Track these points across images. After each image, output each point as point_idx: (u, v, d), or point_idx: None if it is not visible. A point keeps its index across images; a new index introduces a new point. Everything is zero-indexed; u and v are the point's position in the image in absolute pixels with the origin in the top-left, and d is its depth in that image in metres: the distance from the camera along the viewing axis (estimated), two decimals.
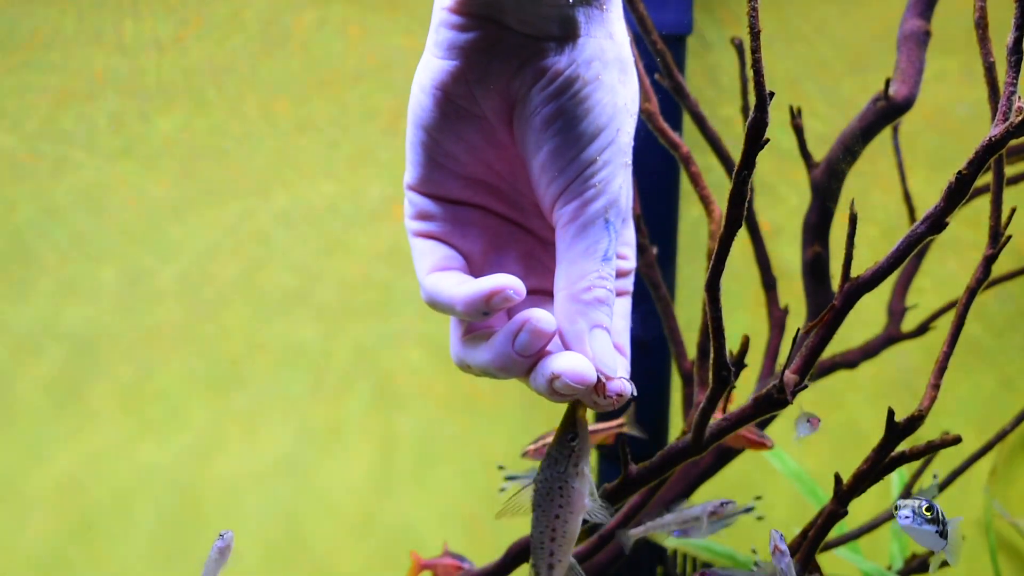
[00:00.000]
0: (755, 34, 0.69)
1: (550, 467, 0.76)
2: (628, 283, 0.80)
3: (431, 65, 0.70)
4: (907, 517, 0.92)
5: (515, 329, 0.67)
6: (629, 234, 0.80)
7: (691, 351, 1.55)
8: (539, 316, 0.67)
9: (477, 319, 0.70)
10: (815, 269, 1.57)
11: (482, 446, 2.34)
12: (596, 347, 0.68)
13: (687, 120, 1.67)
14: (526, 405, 2.34)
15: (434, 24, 0.69)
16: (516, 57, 0.68)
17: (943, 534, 0.95)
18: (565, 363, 0.67)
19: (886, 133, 1.56)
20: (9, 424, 2.23)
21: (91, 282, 2.28)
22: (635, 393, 0.71)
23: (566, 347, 0.69)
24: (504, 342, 0.68)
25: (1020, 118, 0.80)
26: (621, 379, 0.69)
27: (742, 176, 0.73)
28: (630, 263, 0.80)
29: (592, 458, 2.27)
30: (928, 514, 0.92)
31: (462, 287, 0.69)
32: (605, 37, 0.69)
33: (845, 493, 1.09)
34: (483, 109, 0.70)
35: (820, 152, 1.54)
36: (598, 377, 0.68)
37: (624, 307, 0.79)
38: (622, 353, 0.76)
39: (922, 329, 1.78)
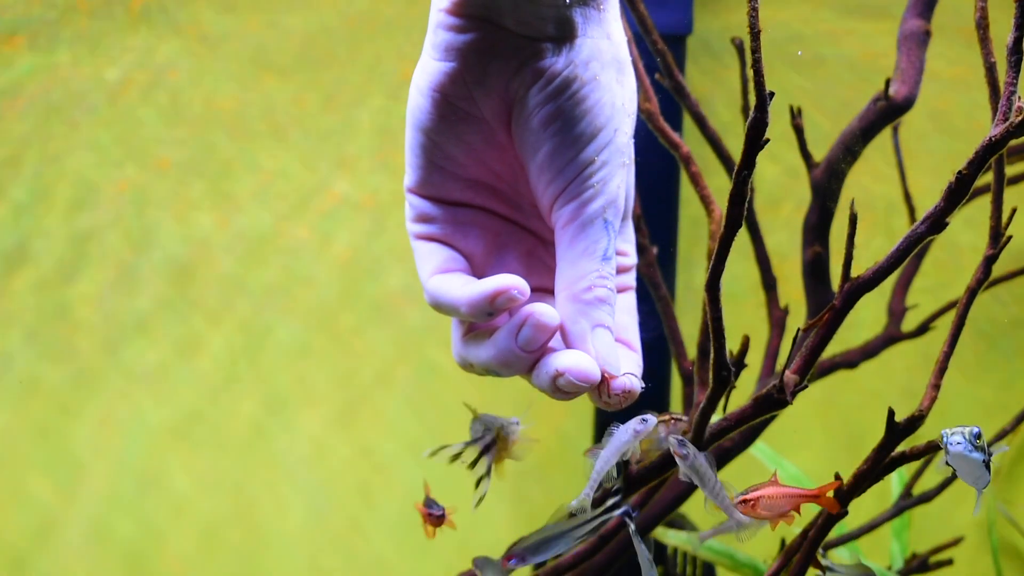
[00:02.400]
0: (755, 34, 0.69)
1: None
2: (630, 278, 0.81)
3: (429, 67, 0.70)
4: (959, 443, 0.89)
5: (518, 324, 0.67)
6: (629, 231, 0.81)
7: (691, 351, 1.55)
8: (542, 310, 0.67)
9: (481, 320, 0.70)
10: (815, 269, 1.57)
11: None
12: (599, 346, 0.69)
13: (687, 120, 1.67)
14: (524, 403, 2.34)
15: (431, 26, 0.69)
16: (514, 58, 0.68)
17: (988, 465, 0.91)
18: (569, 361, 0.67)
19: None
20: None
21: None
22: (643, 387, 0.71)
23: (569, 347, 0.69)
24: (507, 338, 0.68)
25: (1020, 118, 0.80)
26: (627, 375, 0.70)
27: (742, 176, 0.73)
28: (631, 259, 0.81)
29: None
30: (979, 442, 0.89)
31: (465, 288, 0.69)
32: (602, 37, 0.69)
33: (845, 493, 1.09)
34: (481, 111, 0.70)
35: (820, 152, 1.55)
36: (602, 375, 0.68)
37: (629, 302, 0.79)
38: (631, 348, 0.76)
39: (922, 329, 1.78)
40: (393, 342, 2.34)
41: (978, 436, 0.87)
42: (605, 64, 0.69)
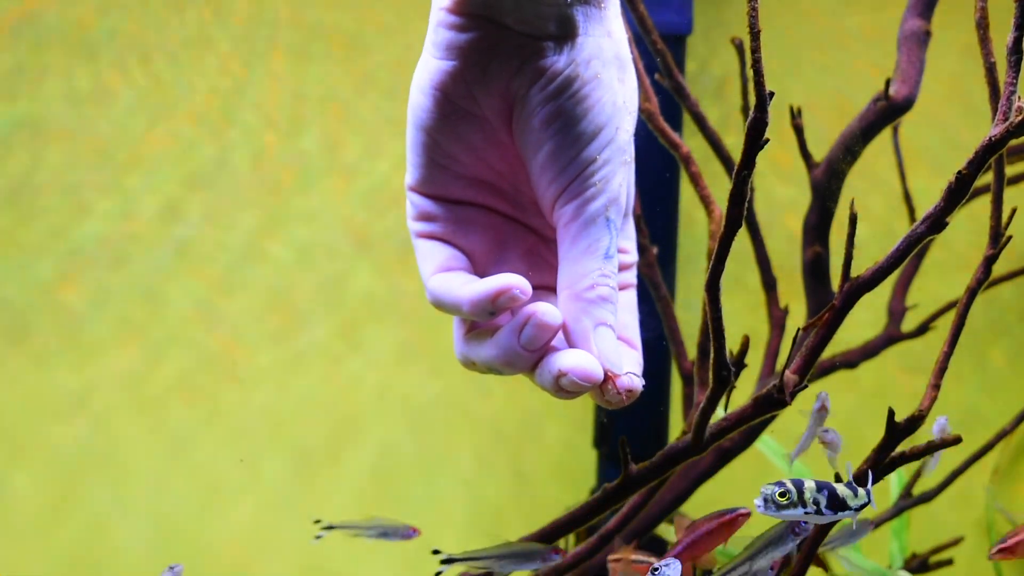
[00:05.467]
0: (755, 34, 0.69)
1: None
2: (631, 276, 0.81)
3: (429, 66, 0.70)
4: (759, 506, 0.87)
5: (521, 323, 0.67)
6: (630, 228, 0.81)
7: (691, 351, 1.55)
8: (544, 309, 0.67)
9: (483, 319, 0.70)
10: (815, 269, 1.57)
11: (487, 444, 2.34)
12: (601, 344, 0.69)
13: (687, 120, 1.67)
14: (527, 407, 2.34)
15: (432, 24, 0.69)
16: (515, 57, 0.68)
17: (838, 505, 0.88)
18: (572, 360, 0.67)
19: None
20: None
21: None
22: (643, 385, 0.71)
23: (571, 345, 0.69)
24: (509, 336, 0.68)
25: (1020, 118, 0.80)
26: (629, 374, 0.70)
27: (742, 176, 0.73)
28: (632, 256, 0.81)
29: (592, 457, 2.29)
30: (783, 499, 0.85)
31: (467, 287, 0.69)
32: (603, 35, 0.69)
33: None
34: (482, 109, 0.70)
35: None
36: (605, 374, 0.68)
37: (630, 300, 0.79)
38: (632, 346, 0.76)
39: (922, 329, 1.78)
40: None
41: (783, 494, 0.86)
42: (606, 62, 0.69)
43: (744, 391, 1.44)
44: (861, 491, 0.89)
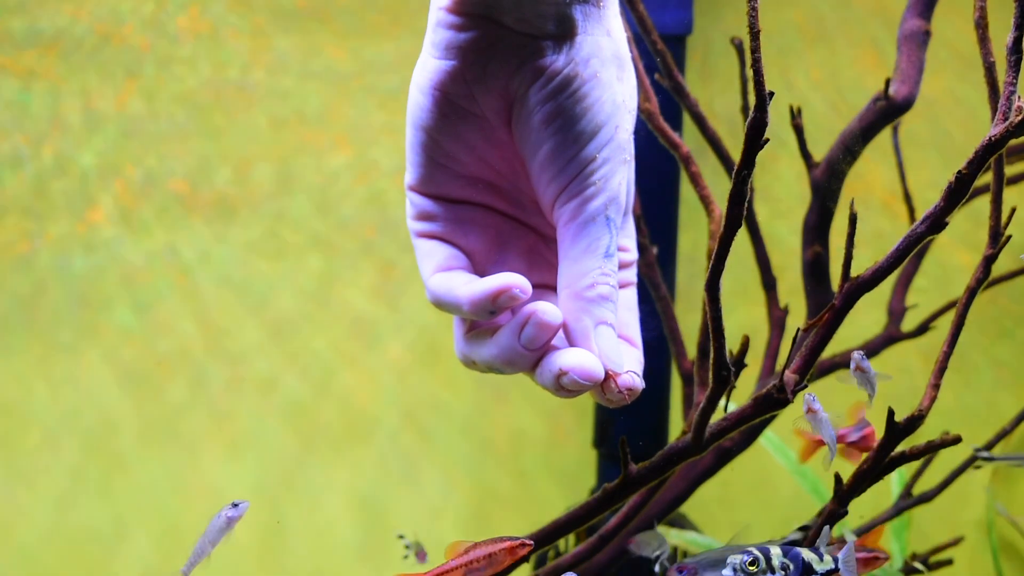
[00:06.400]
0: (755, 34, 0.69)
1: None
2: (631, 274, 0.81)
3: (429, 65, 0.70)
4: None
5: (521, 322, 0.68)
6: (630, 226, 0.81)
7: (691, 351, 1.55)
8: (545, 309, 0.67)
9: (484, 318, 0.70)
10: (815, 269, 1.57)
11: (486, 444, 2.34)
12: (602, 343, 0.69)
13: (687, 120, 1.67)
14: (527, 407, 2.34)
15: (431, 24, 0.69)
16: (514, 56, 0.68)
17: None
18: (572, 359, 0.67)
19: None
20: None
21: None
22: (642, 385, 0.71)
23: (572, 344, 0.69)
24: (510, 336, 0.68)
25: (1020, 118, 0.80)
26: (630, 373, 0.70)
27: (742, 176, 0.73)
28: (632, 254, 0.81)
29: (592, 457, 2.29)
30: (753, 568, 0.86)
31: (467, 287, 0.69)
32: (602, 34, 0.69)
33: (845, 493, 1.09)
34: (482, 108, 0.70)
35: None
36: (605, 373, 0.68)
37: (630, 298, 0.79)
38: (632, 344, 0.76)
39: (922, 329, 1.78)
40: None
41: (753, 562, 0.87)
42: (605, 61, 0.69)
43: (744, 391, 1.44)
44: (827, 556, 0.90)
